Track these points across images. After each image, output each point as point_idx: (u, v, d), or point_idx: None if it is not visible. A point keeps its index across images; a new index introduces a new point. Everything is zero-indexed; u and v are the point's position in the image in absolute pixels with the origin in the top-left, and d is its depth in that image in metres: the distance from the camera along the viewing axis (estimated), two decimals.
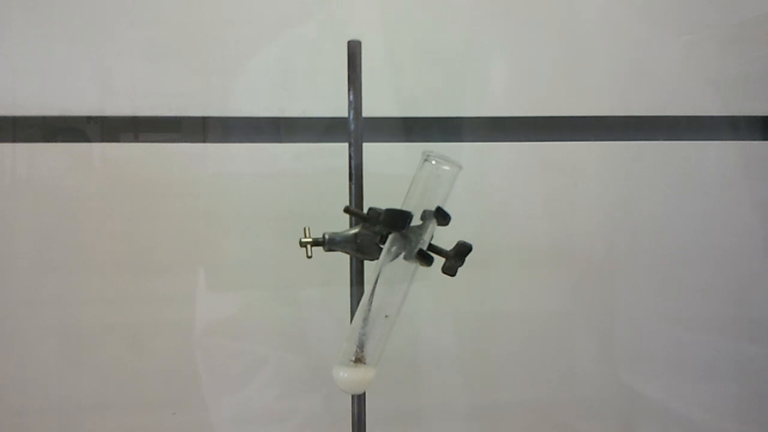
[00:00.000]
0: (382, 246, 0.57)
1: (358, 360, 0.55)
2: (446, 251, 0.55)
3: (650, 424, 0.85)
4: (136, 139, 0.76)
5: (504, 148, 0.82)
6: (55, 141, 0.74)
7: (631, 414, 0.85)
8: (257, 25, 0.77)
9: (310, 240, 0.59)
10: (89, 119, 0.74)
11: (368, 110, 0.63)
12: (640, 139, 0.84)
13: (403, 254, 0.56)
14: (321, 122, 0.78)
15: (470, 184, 0.79)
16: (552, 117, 0.82)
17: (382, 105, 0.78)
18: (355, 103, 0.62)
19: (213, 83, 0.76)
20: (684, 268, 0.85)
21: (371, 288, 0.56)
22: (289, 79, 0.78)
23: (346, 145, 0.62)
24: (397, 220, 0.55)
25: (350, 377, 0.55)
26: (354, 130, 0.62)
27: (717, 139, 0.85)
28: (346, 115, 0.62)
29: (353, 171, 0.62)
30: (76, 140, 0.74)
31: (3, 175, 0.74)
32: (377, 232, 0.58)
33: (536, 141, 0.82)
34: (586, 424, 0.84)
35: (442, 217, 0.55)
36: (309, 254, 0.59)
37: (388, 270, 0.56)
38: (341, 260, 0.62)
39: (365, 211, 0.58)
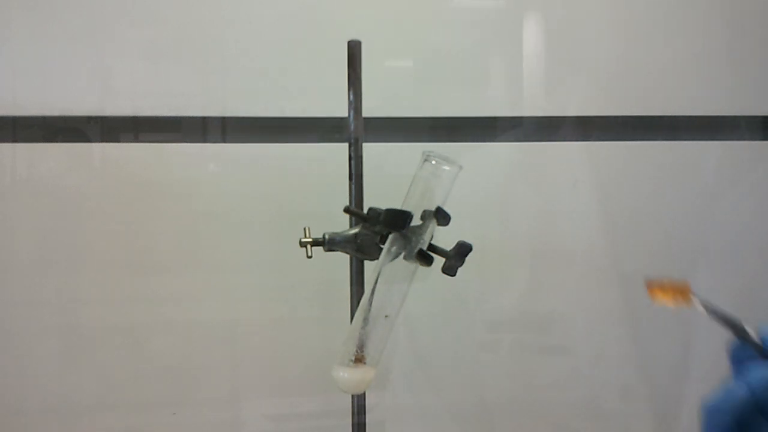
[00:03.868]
0: (382, 246, 0.57)
1: (358, 360, 0.55)
2: (446, 251, 0.55)
3: (650, 425, 0.85)
4: (136, 139, 0.76)
5: (504, 148, 0.82)
6: (55, 141, 0.74)
7: (631, 414, 0.85)
8: (257, 25, 0.77)
9: (310, 240, 0.59)
10: (89, 119, 0.74)
11: (368, 110, 0.63)
12: (640, 139, 0.84)
13: (403, 254, 0.56)
14: (321, 122, 0.78)
15: (470, 184, 0.79)
16: (552, 117, 0.82)
17: (382, 105, 0.78)
18: (355, 103, 0.62)
19: (213, 83, 0.76)
20: (684, 268, 0.85)
21: (371, 288, 0.56)
22: (289, 78, 0.78)
23: (346, 145, 0.62)
24: (397, 220, 0.55)
25: (350, 377, 0.55)
26: (354, 130, 0.62)
27: (717, 139, 0.85)
28: (346, 115, 0.62)
29: (353, 171, 0.62)
30: (76, 140, 0.74)
31: (3, 175, 0.74)
32: (377, 232, 0.58)
33: (536, 141, 0.82)
34: (585, 424, 0.84)
35: (442, 217, 0.55)
36: (309, 254, 0.59)
37: (388, 270, 0.56)
38: (341, 260, 0.62)
39: (365, 211, 0.58)
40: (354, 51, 0.61)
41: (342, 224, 0.61)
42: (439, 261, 0.56)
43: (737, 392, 0.36)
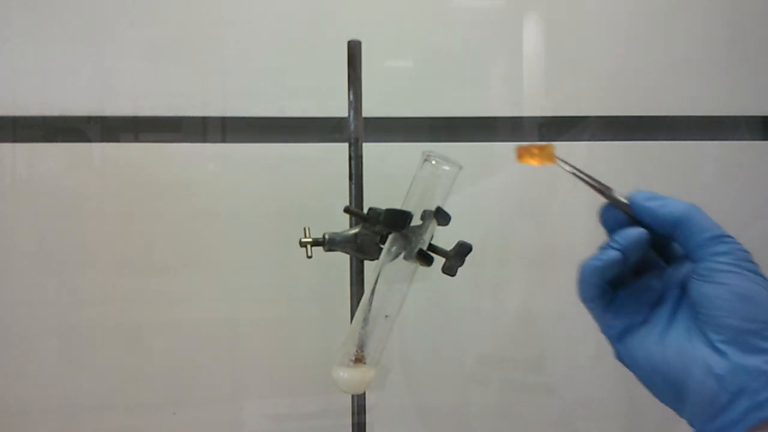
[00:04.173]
0: (382, 246, 0.57)
1: (358, 360, 0.55)
2: (446, 251, 0.55)
3: (650, 424, 0.85)
4: (136, 139, 0.76)
5: (504, 148, 0.82)
6: (55, 141, 0.74)
7: (631, 413, 0.85)
8: (257, 25, 0.77)
9: (310, 240, 0.59)
10: (89, 119, 0.74)
11: (368, 110, 0.63)
12: (640, 139, 0.84)
13: (403, 254, 0.56)
14: (321, 122, 0.78)
15: (470, 184, 0.79)
16: (552, 117, 0.82)
17: (382, 105, 0.78)
18: (355, 103, 0.62)
19: (213, 83, 0.76)
20: None
21: (371, 288, 0.56)
22: (289, 78, 0.78)
23: (346, 145, 0.62)
24: (397, 220, 0.55)
25: (350, 377, 0.55)
26: (354, 130, 0.62)
27: (717, 139, 0.85)
28: (346, 115, 0.62)
29: (353, 171, 0.62)
30: (76, 140, 0.74)
31: (3, 175, 0.74)
32: (377, 232, 0.58)
33: (536, 141, 0.82)
34: (585, 423, 0.84)
35: (442, 217, 0.55)
36: (309, 254, 0.59)
37: (388, 270, 0.56)
38: (341, 260, 0.62)
39: (365, 211, 0.58)
40: (354, 51, 0.61)
41: (342, 224, 0.61)
42: (439, 261, 0.56)
43: (609, 252, 0.39)
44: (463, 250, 0.55)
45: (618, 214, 0.41)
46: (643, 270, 0.42)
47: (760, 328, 0.35)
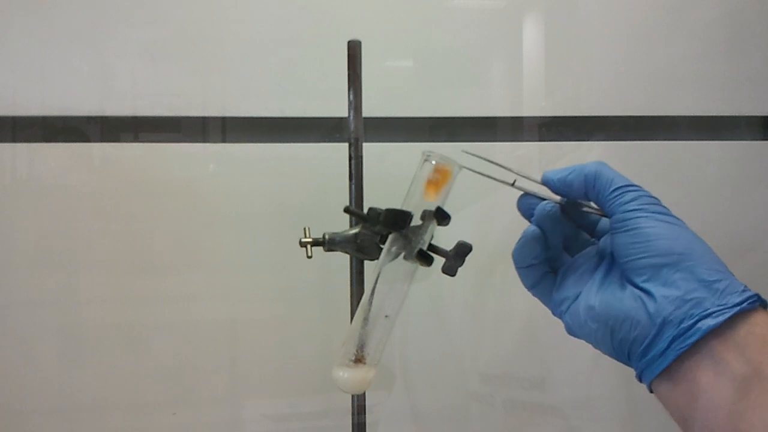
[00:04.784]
0: (382, 246, 0.57)
1: (358, 360, 0.55)
2: (446, 251, 0.55)
3: (649, 424, 0.85)
4: (136, 139, 0.76)
5: (505, 148, 0.82)
6: (55, 141, 0.74)
7: (631, 413, 0.85)
8: (257, 25, 0.77)
9: (310, 240, 0.59)
10: (89, 119, 0.74)
11: (368, 110, 0.63)
12: (640, 139, 0.84)
13: (403, 254, 0.56)
14: (321, 122, 0.78)
15: (471, 184, 0.79)
16: (552, 117, 0.82)
17: (382, 105, 0.78)
18: (355, 103, 0.62)
19: (213, 83, 0.76)
20: None
21: (371, 288, 0.56)
22: (289, 78, 0.78)
23: (346, 145, 0.62)
24: (397, 220, 0.55)
25: (350, 377, 0.55)
26: (354, 130, 0.62)
27: (717, 139, 0.85)
28: (346, 115, 0.62)
29: (353, 171, 0.62)
30: (76, 140, 0.74)
31: (3, 175, 0.74)
32: (377, 232, 0.58)
33: (536, 141, 0.82)
34: (585, 423, 0.84)
35: (442, 217, 0.55)
36: (309, 254, 0.59)
37: (388, 270, 0.56)
38: (341, 260, 0.62)
39: (365, 211, 0.58)
40: (354, 51, 0.61)
41: (342, 224, 0.61)
42: (439, 261, 0.56)
43: (528, 230, 0.43)
44: (462, 250, 0.55)
45: (533, 200, 0.44)
46: (580, 250, 0.45)
47: (677, 260, 0.37)
